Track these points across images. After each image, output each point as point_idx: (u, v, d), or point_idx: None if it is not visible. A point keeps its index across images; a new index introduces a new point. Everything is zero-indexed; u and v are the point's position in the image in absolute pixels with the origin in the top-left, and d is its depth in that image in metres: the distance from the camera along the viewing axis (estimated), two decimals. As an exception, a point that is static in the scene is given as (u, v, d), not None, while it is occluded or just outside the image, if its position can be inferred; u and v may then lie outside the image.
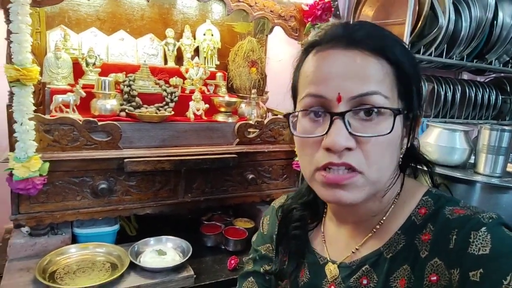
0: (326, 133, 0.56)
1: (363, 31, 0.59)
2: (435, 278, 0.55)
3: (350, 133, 0.55)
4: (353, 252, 0.66)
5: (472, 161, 1.60)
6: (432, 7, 1.81)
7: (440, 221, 0.57)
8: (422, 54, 1.91)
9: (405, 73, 0.59)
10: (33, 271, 1.16)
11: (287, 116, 0.63)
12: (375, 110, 0.55)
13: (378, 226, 0.64)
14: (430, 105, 2.13)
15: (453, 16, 1.86)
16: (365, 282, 0.63)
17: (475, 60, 2.10)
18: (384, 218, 0.64)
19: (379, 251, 0.62)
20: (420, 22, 1.77)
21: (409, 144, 0.64)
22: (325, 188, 0.58)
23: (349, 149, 0.55)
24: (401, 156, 0.63)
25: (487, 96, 2.29)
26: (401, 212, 0.63)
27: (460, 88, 2.19)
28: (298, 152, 0.64)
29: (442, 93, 2.11)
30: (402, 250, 0.60)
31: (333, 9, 1.51)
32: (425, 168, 0.71)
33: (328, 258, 0.70)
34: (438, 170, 1.53)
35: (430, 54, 1.93)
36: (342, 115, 0.55)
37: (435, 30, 1.80)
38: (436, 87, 2.11)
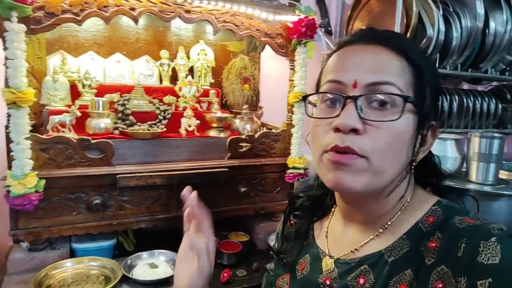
0: (338, 115, 0.59)
1: (388, 32, 0.66)
2: (440, 285, 0.54)
3: (360, 117, 0.58)
4: (352, 252, 0.67)
5: (465, 169, 1.59)
6: (421, 19, 1.85)
7: (449, 229, 0.58)
8: (414, 65, 1.93)
9: (424, 78, 0.61)
10: (29, 285, 1.20)
11: (304, 98, 0.68)
12: (387, 101, 0.58)
13: (381, 230, 0.65)
14: (427, 116, 2.13)
15: (442, 27, 1.89)
16: (362, 281, 0.63)
17: (470, 70, 2.11)
18: (389, 222, 0.65)
19: (380, 253, 0.63)
20: (408, 34, 1.80)
21: (425, 153, 0.65)
22: (329, 171, 0.60)
23: (356, 132, 0.57)
24: (413, 164, 0.64)
25: (486, 105, 2.27)
26: (408, 219, 0.64)
27: (457, 98, 2.19)
28: (311, 138, 0.67)
29: (439, 103, 2.11)
30: (405, 255, 0.60)
31: (317, 25, 1.56)
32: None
33: (327, 253, 0.71)
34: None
35: (422, 65, 1.95)
36: (355, 98, 0.58)
37: (424, 41, 1.83)
38: (432, 97, 2.12)
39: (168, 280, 1.29)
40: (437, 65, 1.99)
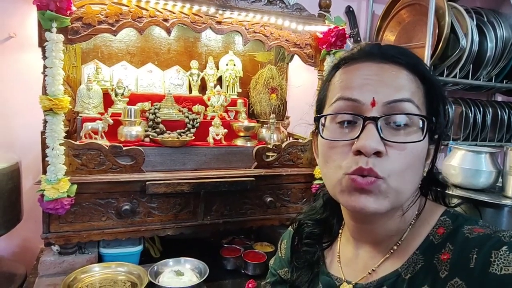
0: (358, 137, 0.57)
1: (395, 49, 0.62)
2: None
3: (381, 138, 0.55)
4: (369, 273, 0.65)
5: (500, 184, 1.53)
6: (453, 29, 1.81)
7: (459, 240, 0.57)
8: (446, 76, 1.89)
9: (434, 92, 0.61)
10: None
11: (316, 119, 0.65)
12: (405, 121, 0.57)
13: (395, 247, 0.64)
14: (459, 128, 2.08)
15: (476, 38, 1.84)
16: None
17: (505, 81, 2.04)
18: (401, 238, 0.64)
19: (398, 272, 0.61)
20: (440, 45, 1.76)
21: (432, 165, 0.65)
22: (350, 195, 0.58)
23: (379, 154, 0.55)
24: (422, 177, 0.64)
25: (522, 118, 2.19)
26: (418, 232, 0.63)
27: (491, 110, 2.12)
28: (323, 160, 0.64)
29: (471, 115, 2.06)
30: (420, 270, 0.59)
31: (347, 35, 1.55)
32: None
33: (344, 279, 0.69)
34: (463, 193, 1.48)
35: (454, 76, 1.91)
36: (375, 119, 0.56)
37: (456, 52, 1.79)
38: (464, 109, 2.06)
39: (194, 289, 1.29)
40: (470, 76, 1.94)
